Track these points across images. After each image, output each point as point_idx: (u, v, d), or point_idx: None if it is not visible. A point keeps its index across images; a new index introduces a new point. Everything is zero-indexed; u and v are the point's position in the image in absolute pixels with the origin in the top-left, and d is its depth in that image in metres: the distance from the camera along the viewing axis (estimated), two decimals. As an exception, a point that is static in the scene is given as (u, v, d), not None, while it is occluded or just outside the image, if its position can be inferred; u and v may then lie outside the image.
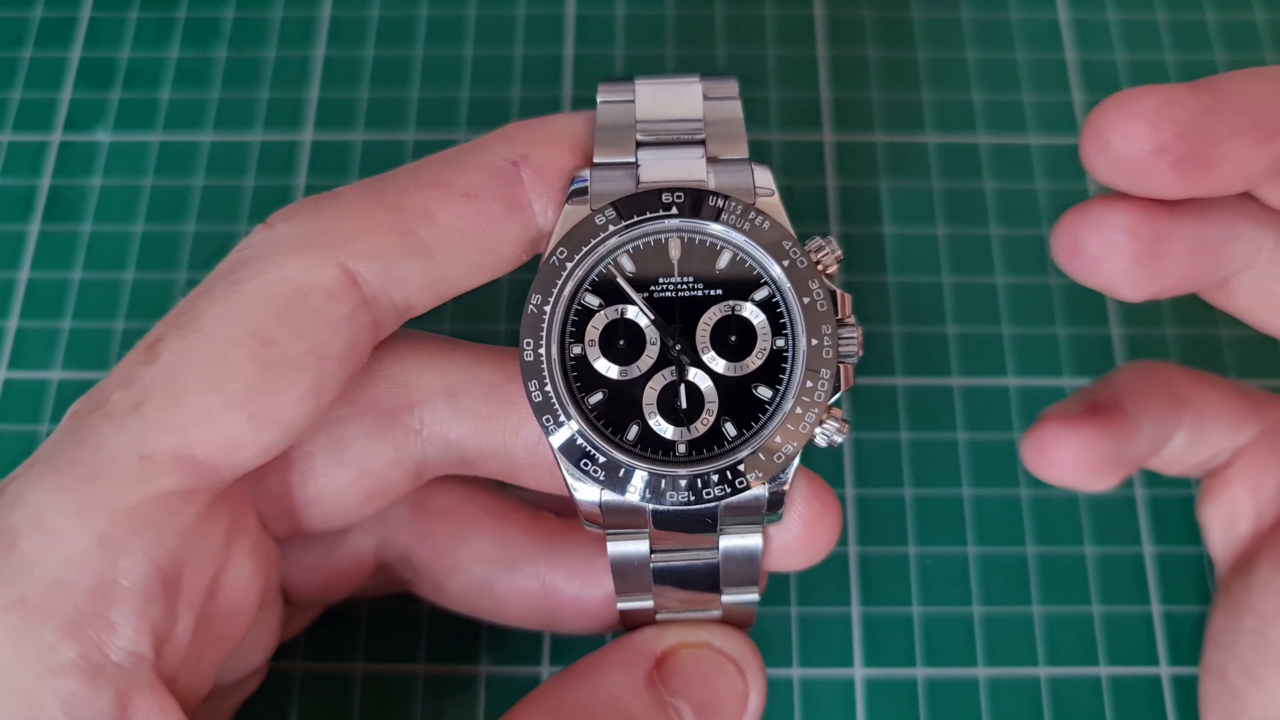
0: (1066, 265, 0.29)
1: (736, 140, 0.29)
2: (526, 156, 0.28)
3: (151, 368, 0.26)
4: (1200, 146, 0.26)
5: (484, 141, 0.29)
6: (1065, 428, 0.31)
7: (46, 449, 0.26)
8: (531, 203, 0.28)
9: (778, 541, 0.29)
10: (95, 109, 0.45)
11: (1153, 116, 0.26)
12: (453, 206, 0.27)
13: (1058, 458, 0.31)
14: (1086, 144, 0.27)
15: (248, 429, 0.26)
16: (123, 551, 0.25)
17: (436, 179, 0.28)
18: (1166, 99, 0.26)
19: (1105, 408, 0.32)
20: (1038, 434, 0.32)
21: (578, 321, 0.28)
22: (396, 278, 0.27)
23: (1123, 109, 0.26)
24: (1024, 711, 0.36)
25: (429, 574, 0.33)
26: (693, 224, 0.28)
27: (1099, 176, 0.27)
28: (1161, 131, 0.26)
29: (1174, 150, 0.26)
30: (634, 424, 0.28)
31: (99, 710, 0.24)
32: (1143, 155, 0.26)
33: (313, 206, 0.28)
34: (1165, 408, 0.32)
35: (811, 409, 0.27)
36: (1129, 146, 0.26)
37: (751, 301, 0.28)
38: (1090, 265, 0.28)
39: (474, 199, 0.27)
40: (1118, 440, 0.31)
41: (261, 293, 0.26)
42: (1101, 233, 0.27)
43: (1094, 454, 0.31)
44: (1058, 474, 0.32)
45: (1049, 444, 0.31)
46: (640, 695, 0.29)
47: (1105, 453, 0.31)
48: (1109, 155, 0.26)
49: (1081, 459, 0.31)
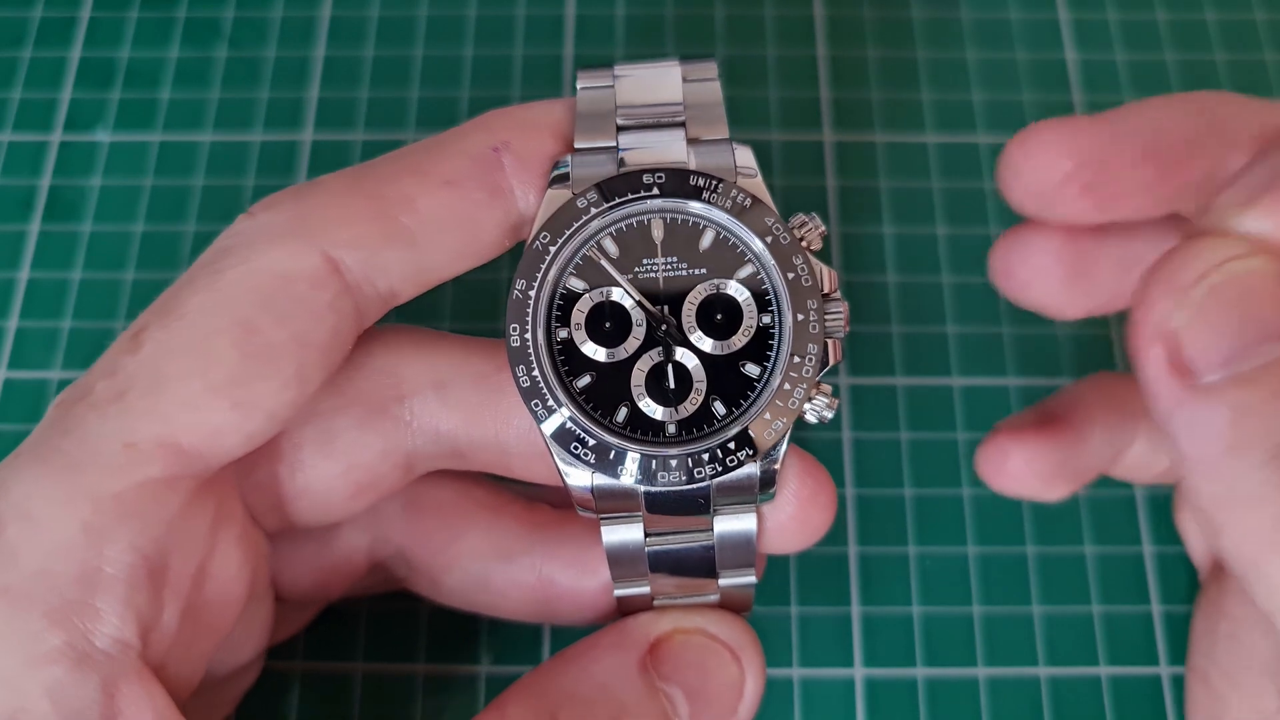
0: (1003, 288, 0.30)
1: (716, 121, 0.29)
2: (507, 143, 0.28)
3: (135, 357, 0.26)
4: (1103, 175, 0.27)
5: (465, 129, 0.29)
6: (1014, 440, 0.33)
7: (32, 439, 0.26)
8: (513, 189, 0.28)
9: (772, 522, 0.29)
10: (95, 109, 0.45)
11: (1057, 148, 0.27)
12: (434, 194, 0.27)
13: (1007, 468, 0.33)
14: (1002, 177, 0.29)
15: (231, 416, 0.26)
16: (108, 540, 0.25)
17: (418, 167, 0.28)
18: (1069, 132, 0.27)
19: (1054, 420, 0.33)
20: (989, 446, 0.33)
21: (563, 305, 0.28)
22: (379, 265, 0.27)
23: (1030, 143, 0.28)
24: (1024, 711, 0.36)
25: (425, 571, 0.33)
26: (675, 204, 0.28)
27: (1017, 207, 0.29)
28: (1065, 162, 0.27)
29: (1079, 179, 0.27)
30: (623, 406, 0.28)
31: (85, 697, 0.24)
32: (1051, 185, 0.28)
33: (294, 195, 0.28)
34: (1117, 419, 0.33)
35: (800, 384, 0.27)
36: (1038, 178, 0.28)
37: (736, 279, 0.28)
38: (1022, 288, 0.30)
39: (455, 186, 0.28)
40: (1065, 451, 0.33)
41: (244, 281, 0.26)
42: (1030, 258, 0.29)
43: (1042, 464, 0.33)
44: (1008, 484, 0.33)
45: (998, 455, 0.33)
46: (632, 681, 0.29)
47: (1054, 463, 0.33)
48: (1021, 186, 0.28)
49: (1030, 469, 0.33)
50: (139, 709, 0.25)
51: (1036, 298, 0.30)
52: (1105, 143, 0.28)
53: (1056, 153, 0.27)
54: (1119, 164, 0.27)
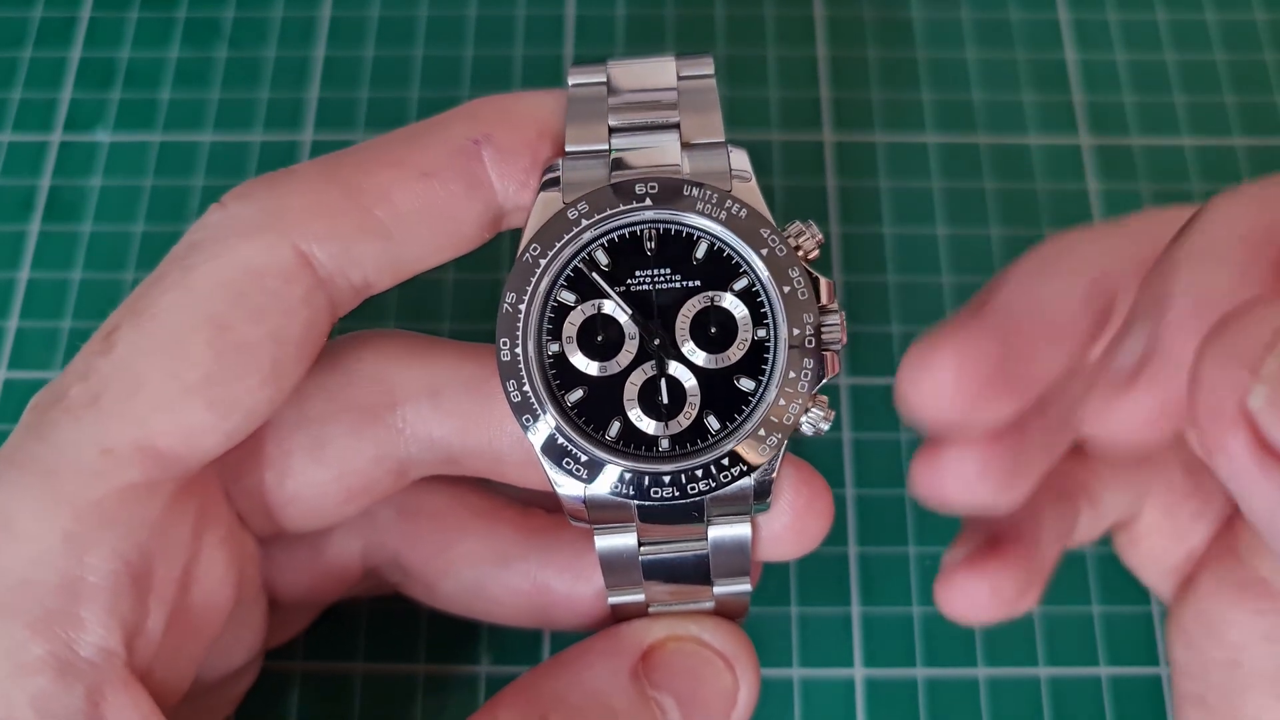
0: (930, 502, 0.28)
1: (712, 124, 0.28)
2: (489, 136, 0.27)
3: (108, 358, 0.26)
4: (1004, 374, 0.25)
5: (447, 118, 0.28)
6: (972, 575, 0.29)
7: (9, 446, 0.26)
8: (493, 182, 0.27)
9: (767, 531, 0.28)
10: (95, 109, 0.45)
11: (953, 369, 0.25)
12: (411, 186, 0.27)
13: (975, 605, 0.29)
14: (903, 399, 0.26)
15: (208, 416, 0.26)
16: (89, 548, 0.25)
17: (395, 157, 0.27)
18: (959, 348, 0.25)
19: (1003, 538, 0.29)
20: (948, 589, 0.29)
21: (554, 319, 0.28)
22: (353, 259, 0.27)
23: (921, 369, 0.25)
24: (1024, 711, 0.36)
25: (420, 577, 0.33)
26: (668, 214, 0.27)
27: (925, 423, 0.26)
28: (966, 378, 0.25)
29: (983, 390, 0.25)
30: (615, 420, 0.27)
31: (70, 706, 0.24)
32: (954, 403, 0.25)
33: (266, 185, 0.27)
34: (1060, 506, 0.30)
35: (795, 399, 0.27)
36: (940, 399, 0.25)
37: (731, 291, 0.28)
38: (958, 502, 0.27)
39: (433, 178, 0.27)
40: (1026, 567, 0.29)
41: (215, 277, 0.26)
42: (958, 477, 0.26)
43: (1009, 588, 0.29)
44: (979, 617, 0.29)
45: (961, 596, 0.29)
46: (624, 688, 0.28)
47: (1019, 582, 0.29)
48: (926, 409, 0.25)
49: (998, 598, 0.29)
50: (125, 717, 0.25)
51: (975, 505, 0.27)
52: (1000, 341, 0.25)
53: (956, 373, 0.25)
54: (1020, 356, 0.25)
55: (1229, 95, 0.45)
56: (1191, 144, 0.44)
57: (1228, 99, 0.45)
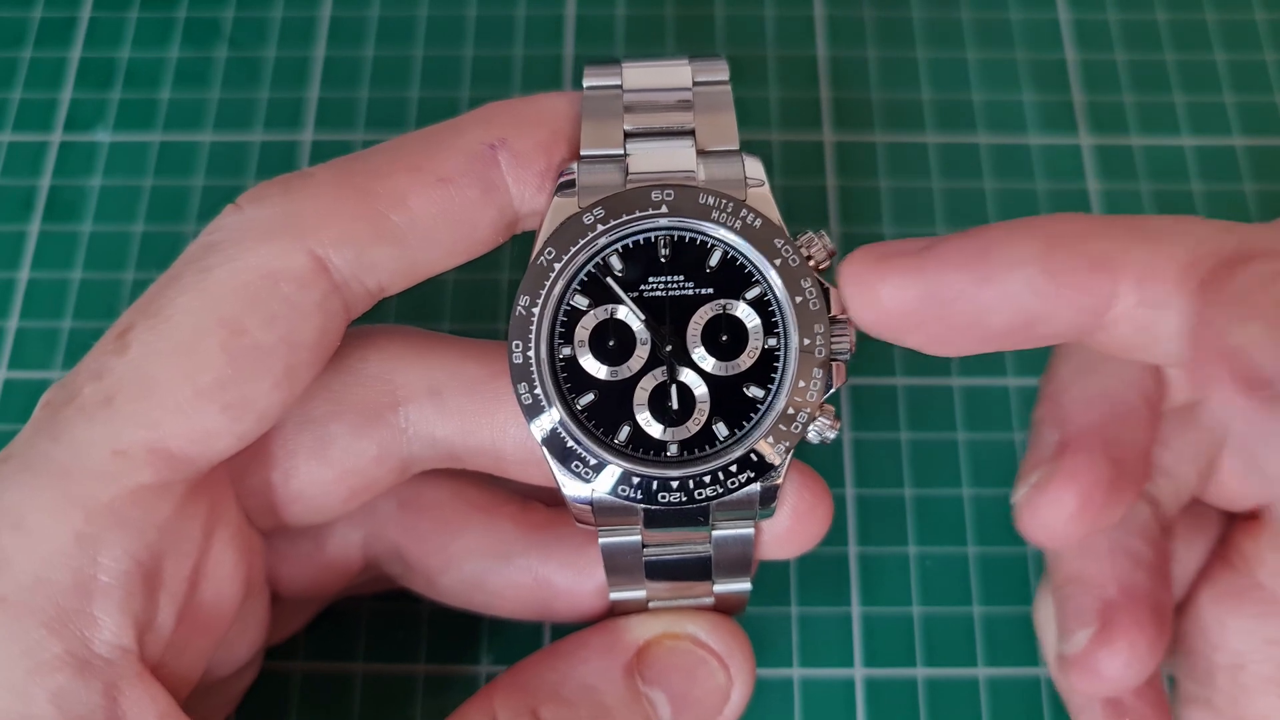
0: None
1: (727, 131, 0.28)
2: (504, 140, 0.27)
3: (122, 359, 0.26)
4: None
5: (462, 122, 0.28)
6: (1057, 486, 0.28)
7: (20, 443, 0.26)
8: (509, 186, 0.28)
9: (769, 533, 0.29)
10: (95, 109, 0.45)
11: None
12: (427, 192, 0.27)
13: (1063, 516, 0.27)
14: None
15: (221, 420, 0.26)
16: (101, 548, 0.25)
17: (411, 162, 0.27)
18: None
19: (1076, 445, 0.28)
20: (1033, 508, 0.28)
21: (567, 322, 0.28)
22: (368, 264, 0.27)
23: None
24: (1024, 711, 0.36)
25: (421, 570, 0.33)
26: (683, 222, 0.28)
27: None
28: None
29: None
30: (625, 425, 0.28)
31: (88, 702, 0.24)
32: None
33: (282, 188, 0.27)
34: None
35: (804, 409, 0.27)
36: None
37: (744, 300, 0.28)
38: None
39: (449, 183, 0.27)
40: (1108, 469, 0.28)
41: (230, 280, 0.26)
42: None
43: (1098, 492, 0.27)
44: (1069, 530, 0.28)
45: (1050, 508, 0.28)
46: (616, 684, 0.29)
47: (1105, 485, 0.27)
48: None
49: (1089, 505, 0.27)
50: (142, 710, 0.25)
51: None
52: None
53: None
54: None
55: (1229, 95, 0.45)
56: (1191, 144, 0.44)
57: (1228, 99, 0.45)
